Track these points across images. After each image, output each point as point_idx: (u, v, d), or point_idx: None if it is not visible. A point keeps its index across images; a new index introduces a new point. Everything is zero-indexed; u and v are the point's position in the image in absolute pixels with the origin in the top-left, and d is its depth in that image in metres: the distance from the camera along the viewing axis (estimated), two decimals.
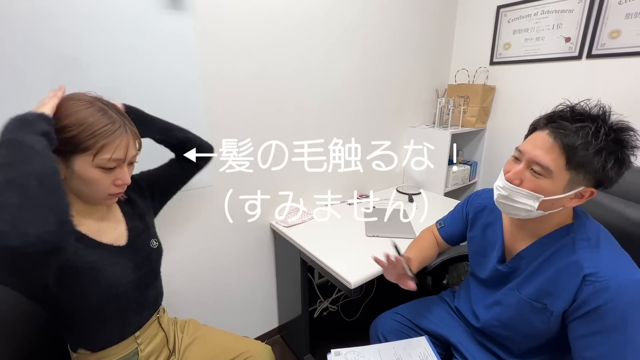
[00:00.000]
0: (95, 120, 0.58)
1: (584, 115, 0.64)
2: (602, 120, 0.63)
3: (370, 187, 1.78)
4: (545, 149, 0.64)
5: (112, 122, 0.59)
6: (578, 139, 0.61)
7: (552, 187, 0.64)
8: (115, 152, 0.60)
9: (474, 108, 1.73)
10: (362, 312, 1.78)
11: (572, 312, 0.66)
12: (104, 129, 0.58)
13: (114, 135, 0.59)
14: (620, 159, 0.62)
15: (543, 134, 0.65)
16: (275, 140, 1.33)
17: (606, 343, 0.61)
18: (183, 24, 1.01)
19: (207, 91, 1.11)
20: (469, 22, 1.82)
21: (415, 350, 0.85)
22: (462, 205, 1.01)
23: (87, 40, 0.88)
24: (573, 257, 0.67)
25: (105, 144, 0.58)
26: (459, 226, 0.99)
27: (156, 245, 0.81)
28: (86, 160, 0.58)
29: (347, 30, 1.41)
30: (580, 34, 1.42)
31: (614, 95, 1.36)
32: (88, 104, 0.59)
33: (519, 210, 0.69)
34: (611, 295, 0.60)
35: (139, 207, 0.81)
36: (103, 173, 0.61)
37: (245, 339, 0.97)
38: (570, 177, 0.63)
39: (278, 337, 1.64)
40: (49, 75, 0.85)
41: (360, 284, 1.01)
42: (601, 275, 0.62)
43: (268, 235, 1.45)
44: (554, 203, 0.66)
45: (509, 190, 0.69)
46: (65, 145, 0.57)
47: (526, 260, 0.76)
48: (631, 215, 0.84)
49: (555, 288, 0.68)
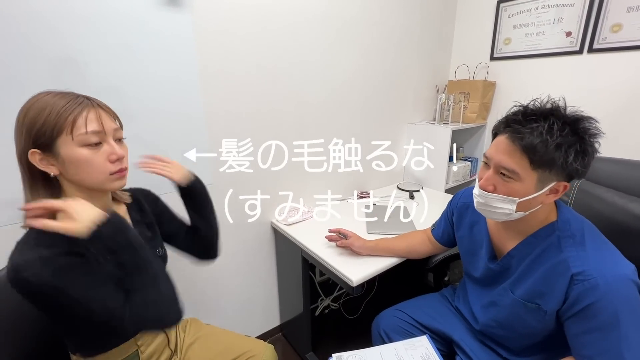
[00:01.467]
0: (56, 102, 0.56)
1: (536, 114, 0.64)
2: (554, 116, 0.63)
3: (371, 186, 1.77)
4: (507, 153, 0.65)
5: (74, 98, 0.58)
6: (534, 138, 0.61)
7: (524, 188, 0.65)
8: (89, 124, 0.57)
9: (475, 104, 1.72)
10: (364, 309, 1.78)
11: (566, 311, 0.66)
12: (67, 105, 0.56)
13: (80, 107, 0.57)
14: (582, 150, 0.62)
15: (503, 139, 0.67)
16: (275, 140, 1.32)
17: (602, 340, 0.62)
18: (181, 21, 1.00)
19: (206, 90, 1.11)
20: (469, 17, 1.81)
21: (417, 350, 0.85)
22: (447, 206, 1.02)
23: (84, 39, 0.87)
24: (560, 257, 0.67)
25: (75, 118, 0.56)
26: (447, 228, 1.00)
27: (162, 252, 0.81)
28: (67, 141, 0.57)
29: (346, 27, 1.40)
30: (581, 28, 1.41)
31: (615, 89, 1.35)
32: (45, 93, 0.58)
33: (500, 215, 0.70)
34: (600, 293, 0.61)
35: (147, 217, 0.80)
36: (90, 150, 0.58)
37: (248, 338, 0.97)
38: (539, 176, 0.64)
39: (280, 335, 1.65)
40: (47, 76, 0.84)
41: (362, 282, 1.01)
42: (588, 273, 0.63)
43: (269, 233, 1.45)
44: (531, 202, 0.67)
45: (484, 197, 0.70)
46: (42, 135, 0.56)
47: (516, 260, 0.76)
48: (634, 210, 0.84)
49: (546, 288, 0.69)
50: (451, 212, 0.98)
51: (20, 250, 0.56)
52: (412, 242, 1.10)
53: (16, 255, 0.54)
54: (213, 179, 1.20)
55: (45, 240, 0.55)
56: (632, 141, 1.32)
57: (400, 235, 1.15)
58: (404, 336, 0.96)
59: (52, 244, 0.55)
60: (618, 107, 1.35)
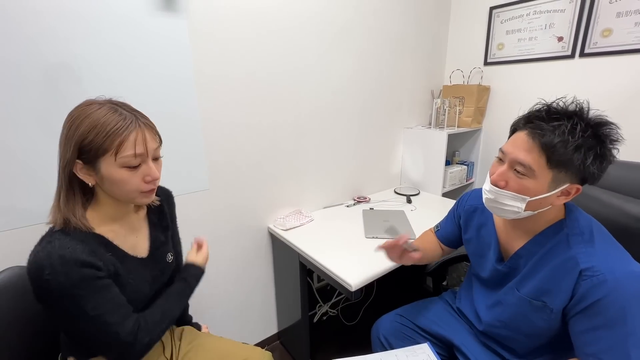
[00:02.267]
0: (107, 120, 0.58)
1: (560, 113, 0.64)
2: (578, 117, 0.63)
3: (368, 189, 1.77)
4: (525, 149, 0.65)
5: (123, 119, 0.59)
6: (555, 137, 0.61)
7: (536, 187, 0.65)
8: (135, 147, 0.60)
9: (470, 108, 1.74)
10: (362, 315, 1.76)
11: (572, 308, 0.65)
12: (116, 126, 0.58)
13: (127, 131, 0.59)
14: (601, 154, 0.62)
15: (522, 135, 0.66)
16: (271, 145, 1.32)
17: (608, 337, 0.61)
18: (176, 25, 1.00)
19: (201, 93, 1.10)
20: (462, 23, 1.84)
21: (419, 357, 0.84)
22: (453, 208, 1.01)
23: (79, 43, 0.87)
24: (569, 253, 0.67)
25: (122, 141, 0.58)
26: (453, 229, 0.99)
27: (171, 259, 0.81)
28: (109, 161, 0.59)
29: (341, 33, 1.41)
30: (572, 33, 1.44)
31: (607, 92, 1.38)
32: (99, 105, 0.60)
33: (508, 213, 0.70)
34: (609, 288, 0.60)
35: (165, 219, 0.81)
36: (129, 172, 0.61)
37: (245, 346, 0.95)
38: (553, 175, 0.64)
39: (277, 343, 1.62)
40: (41, 80, 0.84)
41: (361, 286, 1.00)
42: (597, 269, 0.62)
43: (266, 239, 1.43)
44: (541, 202, 0.67)
45: (494, 193, 0.70)
46: (88, 152, 0.58)
47: (524, 259, 0.75)
48: (631, 211, 0.84)
49: (553, 285, 0.68)
50: (458, 215, 0.97)
51: (46, 248, 0.57)
52: (430, 247, 1.02)
53: (41, 253, 0.56)
54: (209, 185, 1.19)
55: (77, 247, 0.58)
56: (626, 143, 1.33)
57: (418, 239, 1.08)
58: (404, 341, 0.95)
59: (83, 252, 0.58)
60: (610, 110, 1.34)
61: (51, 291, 0.55)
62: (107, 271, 0.61)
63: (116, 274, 0.64)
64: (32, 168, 0.86)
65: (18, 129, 0.83)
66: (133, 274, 0.68)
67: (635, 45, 1.29)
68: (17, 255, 0.71)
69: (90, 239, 0.61)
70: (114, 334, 0.60)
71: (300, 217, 1.40)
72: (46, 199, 0.65)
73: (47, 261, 0.54)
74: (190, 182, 1.15)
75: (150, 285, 0.72)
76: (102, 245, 0.63)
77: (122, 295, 0.63)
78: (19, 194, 0.86)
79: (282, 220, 1.38)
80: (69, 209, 0.60)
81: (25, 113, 0.83)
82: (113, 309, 0.60)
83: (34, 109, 0.84)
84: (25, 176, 0.86)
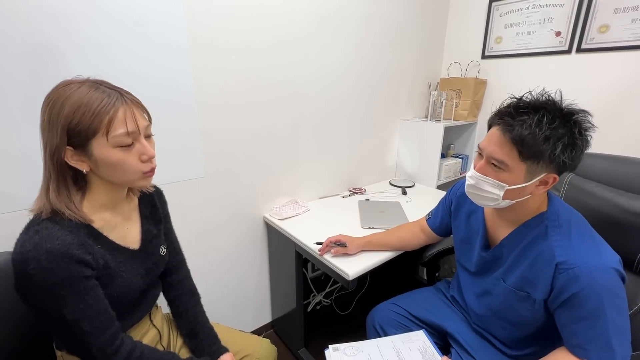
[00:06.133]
0: (90, 99, 0.54)
1: (528, 106, 0.65)
2: (545, 109, 0.63)
3: (364, 181, 1.77)
4: (497, 144, 0.67)
5: (108, 95, 0.56)
6: (523, 130, 0.63)
7: (513, 178, 0.67)
8: (124, 125, 0.57)
9: (466, 101, 1.74)
10: (356, 305, 1.78)
11: (553, 301, 0.68)
12: (102, 104, 0.55)
13: (115, 107, 0.56)
14: (570, 143, 0.63)
15: (495, 130, 0.68)
16: (268, 134, 1.30)
17: (589, 328, 0.64)
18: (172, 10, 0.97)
19: (197, 81, 1.07)
20: (461, 15, 1.83)
21: (414, 343, 0.85)
22: (445, 196, 1.03)
23: (70, 36, 0.83)
24: (546, 245, 0.69)
25: (111, 119, 0.55)
26: (445, 216, 1.01)
27: (164, 252, 0.79)
28: (101, 142, 0.56)
29: (338, 23, 1.38)
30: (570, 28, 1.45)
31: (603, 88, 1.40)
32: (78, 84, 0.56)
33: (487, 200, 0.72)
34: (583, 282, 0.63)
35: (157, 213, 0.79)
36: (124, 151, 0.58)
37: (243, 334, 0.95)
38: (527, 167, 0.65)
39: (271, 331, 1.63)
40: (25, 61, 0.80)
41: (358, 275, 1.00)
42: (572, 262, 0.65)
43: (261, 228, 1.43)
44: (520, 192, 0.69)
45: (476, 178, 0.72)
46: (77, 135, 0.54)
47: (507, 248, 0.78)
48: (622, 203, 0.86)
49: (534, 276, 0.71)
50: (450, 200, 0.99)
51: (32, 238, 0.53)
52: (405, 234, 1.11)
53: (28, 244, 0.53)
54: (205, 172, 1.17)
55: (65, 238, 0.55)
56: (619, 138, 1.36)
57: (391, 229, 1.15)
58: (399, 329, 0.97)
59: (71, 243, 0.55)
60: (606, 106, 1.39)
61: (32, 287, 0.53)
62: (96, 265, 0.58)
63: (106, 267, 0.61)
64: (22, 152, 0.83)
65: (1, 112, 0.79)
66: (125, 267, 0.65)
67: (631, 41, 1.30)
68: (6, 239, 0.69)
69: (80, 229, 0.58)
70: (86, 344, 0.58)
71: (296, 207, 1.40)
72: (33, 184, 0.61)
73: (33, 254, 0.51)
74: (186, 169, 1.13)
75: (143, 278, 0.70)
76: (91, 237, 0.60)
77: (105, 300, 0.60)
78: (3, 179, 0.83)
79: (278, 209, 1.37)
80: (62, 200, 0.56)
81: (9, 95, 0.79)
82: (91, 316, 0.57)
83: (17, 90, 0.80)
84: (9, 160, 0.82)
